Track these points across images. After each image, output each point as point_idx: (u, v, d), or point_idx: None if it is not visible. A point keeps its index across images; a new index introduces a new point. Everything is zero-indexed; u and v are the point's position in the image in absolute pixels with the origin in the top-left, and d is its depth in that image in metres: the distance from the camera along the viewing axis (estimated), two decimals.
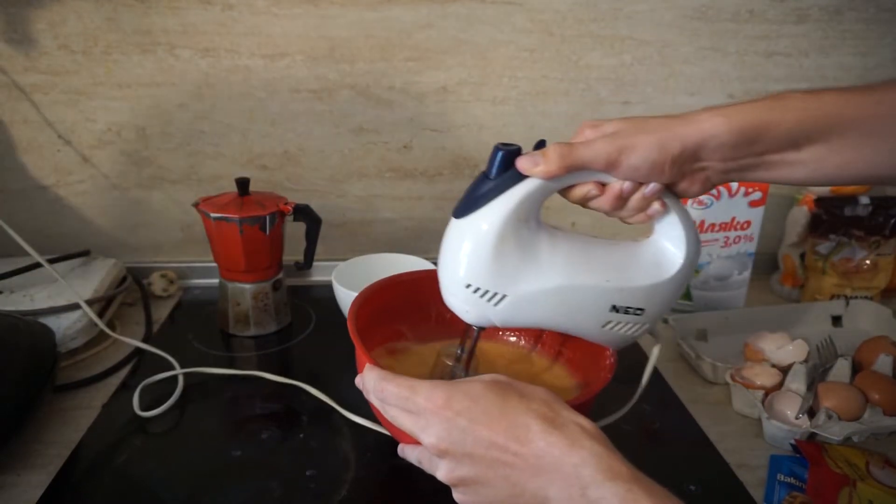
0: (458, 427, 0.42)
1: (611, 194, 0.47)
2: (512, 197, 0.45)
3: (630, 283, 0.49)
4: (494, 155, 0.46)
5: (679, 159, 0.45)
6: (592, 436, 0.41)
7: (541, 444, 0.40)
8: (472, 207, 0.47)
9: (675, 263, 0.50)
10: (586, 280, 0.48)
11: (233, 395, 0.69)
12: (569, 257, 0.49)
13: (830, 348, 0.74)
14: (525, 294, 0.48)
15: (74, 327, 0.72)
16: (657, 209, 0.48)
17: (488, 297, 0.48)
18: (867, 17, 0.89)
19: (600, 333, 0.51)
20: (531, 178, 0.45)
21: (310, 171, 0.92)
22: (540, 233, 0.48)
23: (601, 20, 0.87)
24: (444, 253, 0.49)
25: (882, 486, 0.55)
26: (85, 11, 0.81)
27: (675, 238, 0.50)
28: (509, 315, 0.49)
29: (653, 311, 0.51)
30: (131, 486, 0.56)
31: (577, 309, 0.49)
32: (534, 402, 0.42)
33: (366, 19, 0.84)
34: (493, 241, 0.46)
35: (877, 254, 0.88)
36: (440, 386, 0.43)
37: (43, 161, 0.88)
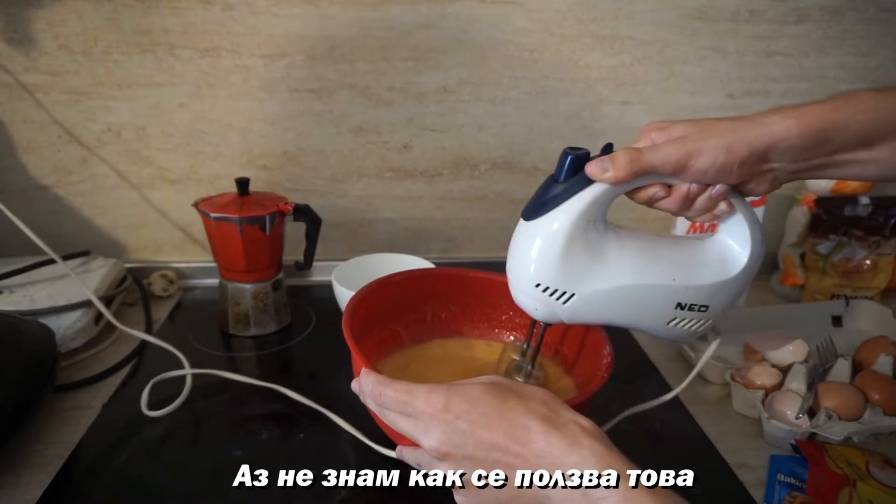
0: (458, 430, 0.42)
1: (677, 196, 0.48)
2: (580, 200, 0.46)
3: (695, 281, 0.50)
4: (563, 159, 0.47)
5: (748, 162, 0.46)
6: (592, 435, 0.41)
7: (541, 445, 0.40)
8: (542, 210, 0.48)
9: (740, 262, 0.51)
10: (653, 279, 0.49)
11: (233, 394, 0.69)
12: (635, 256, 0.50)
13: (830, 348, 0.74)
14: (593, 293, 0.49)
15: (74, 327, 0.72)
16: (723, 209, 0.49)
17: (557, 296, 0.49)
18: (867, 17, 0.89)
19: (665, 330, 0.52)
20: (598, 182, 0.46)
21: (310, 171, 0.92)
22: (607, 233, 0.49)
23: (601, 20, 0.87)
24: (513, 253, 0.50)
25: (882, 486, 0.55)
26: (85, 11, 0.81)
27: (740, 236, 0.51)
28: (577, 312, 0.50)
29: (717, 308, 0.52)
30: (131, 486, 0.56)
31: (643, 307, 0.50)
32: (532, 403, 0.42)
33: (366, 19, 0.84)
34: (562, 243, 0.47)
35: (877, 254, 0.88)
36: (438, 389, 0.44)
37: (43, 161, 0.88)
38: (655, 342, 0.80)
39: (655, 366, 0.76)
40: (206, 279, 0.95)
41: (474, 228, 0.98)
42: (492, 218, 0.97)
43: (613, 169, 0.45)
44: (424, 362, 0.66)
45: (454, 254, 0.99)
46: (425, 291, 0.68)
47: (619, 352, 0.78)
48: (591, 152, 0.47)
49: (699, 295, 0.50)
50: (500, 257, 1.03)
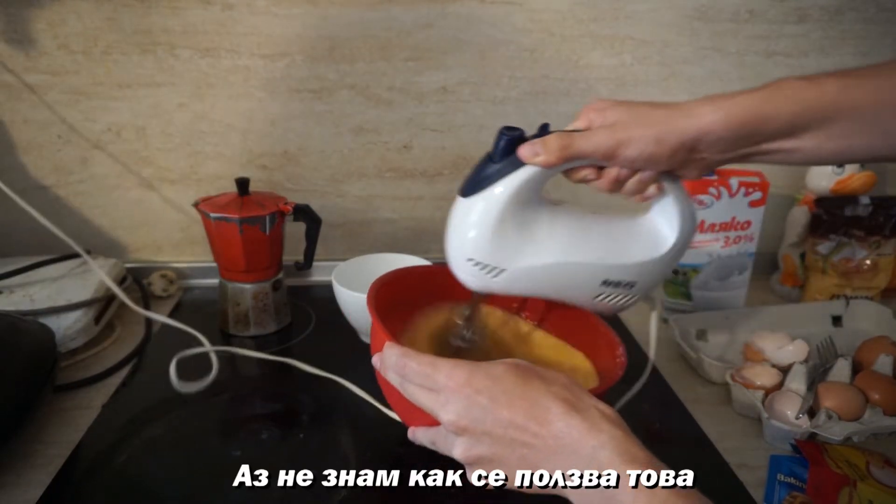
0: (479, 405, 0.42)
1: (608, 178, 0.49)
2: (513, 181, 0.48)
3: (623, 259, 0.52)
4: (499, 139, 0.48)
5: (677, 152, 0.47)
6: (612, 421, 0.41)
7: (560, 426, 0.40)
8: (477, 188, 0.49)
9: (668, 241, 0.53)
10: (580, 257, 0.51)
11: (233, 394, 0.69)
12: (565, 235, 0.51)
13: (830, 348, 0.74)
14: (522, 269, 0.50)
15: (74, 327, 0.72)
16: (653, 192, 0.50)
17: (488, 271, 0.50)
18: (867, 17, 0.89)
19: (591, 304, 0.54)
20: (530, 165, 0.47)
21: (310, 171, 0.92)
22: (540, 211, 0.51)
23: (601, 20, 0.87)
24: (449, 228, 0.52)
25: (882, 486, 0.55)
26: (85, 11, 0.81)
27: (670, 215, 0.52)
28: (507, 286, 0.51)
29: (643, 284, 0.54)
30: (131, 486, 0.56)
31: (570, 283, 0.52)
32: (555, 386, 0.43)
33: (366, 19, 0.84)
34: (493, 222, 0.48)
35: (877, 254, 0.88)
36: (462, 365, 0.44)
37: (43, 161, 0.88)
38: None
39: (656, 366, 0.76)
40: (206, 279, 0.95)
41: None
42: None
43: (545, 153, 0.46)
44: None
45: None
46: (444, 284, 0.67)
47: None
48: (525, 133, 0.48)
49: (626, 272, 0.52)
50: None
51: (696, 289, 0.85)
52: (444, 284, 0.67)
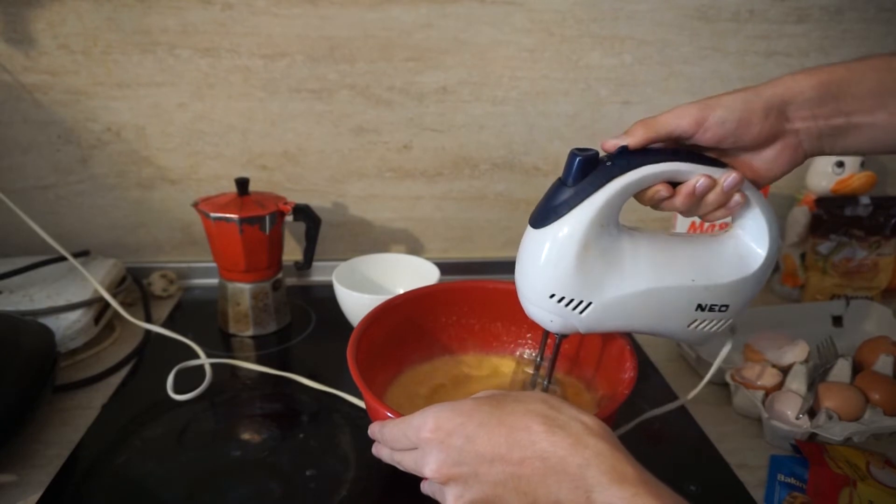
0: (455, 447, 0.40)
1: (683, 193, 0.46)
2: (592, 204, 0.45)
3: (715, 280, 0.48)
4: (572, 161, 0.45)
5: (766, 113, 0.44)
6: (597, 433, 0.39)
7: (544, 445, 0.38)
8: (552, 217, 0.46)
9: (757, 257, 0.50)
10: (672, 281, 0.48)
11: (233, 394, 0.69)
12: (652, 259, 0.48)
13: (831, 348, 0.74)
14: (611, 300, 0.47)
15: (74, 327, 0.72)
16: (738, 201, 0.47)
17: (573, 306, 0.47)
18: (867, 17, 0.89)
19: (686, 333, 0.50)
20: (610, 184, 0.45)
21: (310, 171, 0.92)
22: (621, 236, 0.48)
23: (601, 20, 0.87)
24: (522, 263, 0.48)
25: (882, 486, 0.55)
26: (85, 11, 0.81)
27: (756, 230, 0.49)
28: (595, 322, 0.48)
29: (736, 306, 0.50)
30: (131, 486, 0.56)
31: (663, 311, 0.48)
32: (532, 403, 0.41)
33: (366, 19, 0.84)
34: (576, 250, 0.45)
35: (877, 254, 0.88)
36: (428, 411, 0.42)
37: (43, 161, 0.88)
38: (655, 342, 0.80)
39: (656, 366, 0.76)
40: (206, 279, 0.95)
41: (474, 228, 0.98)
42: (491, 218, 0.97)
43: (630, 136, 0.45)
44: (436, 384, 0.64)
45: (454, 254, 0.99)
46: (428, 309, 0.66)
47: None
48: (599, 153, 0.46)
49: (719, 294, 0.49)
50: (500, 257, 1.03)
51: None
52: (424, 308, 0.65)
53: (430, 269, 0.80)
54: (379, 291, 0.81)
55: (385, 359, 0.62)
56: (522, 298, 0.50)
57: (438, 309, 0.67)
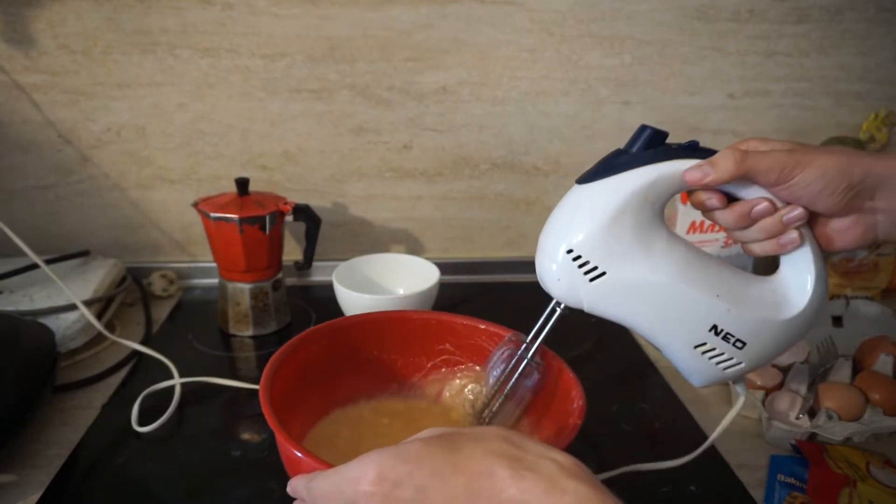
0: (403, 501, 0.33)
1: (738, 211, 0.43)
2: (645, 174, 0.42)
3: (741, 307, 0.44)
4: (640, 132, 0.43)
5: (856, 187, 0.42)
6: (574, 474, 0.33)
7: (512, 493, 0.32)
8: (601, 175, 0.43)
9: (795, 307, 0.45)
10: (696, 287, 0.44)
11: (233, 395, 0.69)
12: (684, 258, 0.45)
13: (831, 348, 0.74)
14: (625, 278, 0.44)
15: (74, 328, 0.72)
16: (793, 239, 0.44)
17: (586, 270, 0.44)
18: (867, 17, 0.89)
19: (688, 354, 0.46)
20: (670, 163, 0.42)
21: (310, 171, 0.92)
22: (661, 226, 0.45)
23: (601, 20, 0.87)
24: (554, 216, 0.46)
25: (882, 486, 0.55)
26: (85, 11, 0.81)
27: (800, 280, 0.45)
28: (600, 297, 0.44)
29: (754, 351, 0.45)
30: (131, 487, 0.56)
31: (674, 316, 0.45)
32: (492, 442, 0.35)
33: (366, 19, 0.84)
34: (612, 211, 0.43)
35: (877, 254, 0.88)
36: (369, 459, 0.35)
37: (43, 161, 0.88)
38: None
39: (656, 366, 0.76)
40: (206, 279, 0.95)
41: (474, 228, 0.98)
42: (491, 218, 0.97)
43: (715, 171, 0.41)
44: (362, 428, 0.58)
45: (454, 254, 0.99)
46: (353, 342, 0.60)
47: (619, 352, 0.79)
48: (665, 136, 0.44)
49: (740, 325, 0.45)
50: (500, 257, 1.03)
51: None
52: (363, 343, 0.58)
53: (430, 269, 0.80)
54: (379, 291, 0.81)
55: (305, 402, 0.56)
56: (539, 253, 0.47)
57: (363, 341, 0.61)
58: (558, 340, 0.52)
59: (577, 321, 0.49)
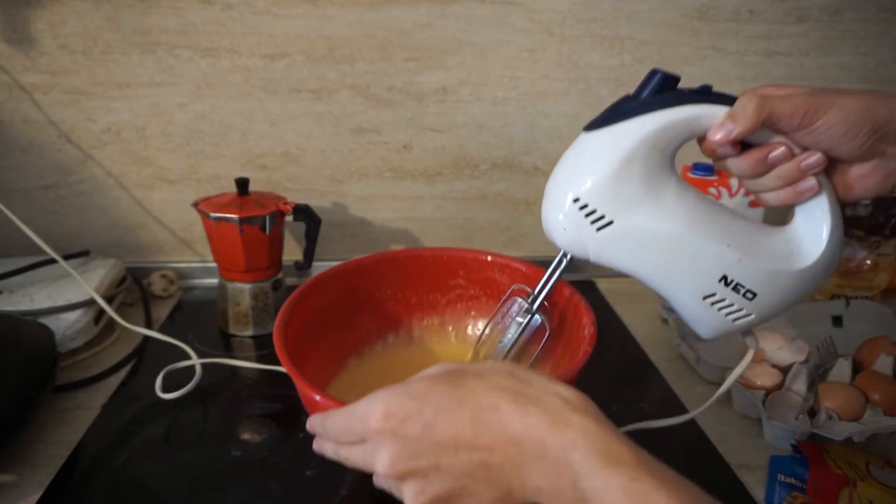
0: (411, 437, 0.34)
1: (754, 157, 0.41)
2: (655, 119, 0.41)
3: (752, 257, 0.43)
4: (651, 76, 0.42)
5: (880, 130, 0.40)
6: (579, 408, 0.33)
7: (516, 427, 0.33)
8: (608, 122, 0.42)
9: (809, 257, 0.44)
10: (705, 237, 0.43)
11: (233, 395, 0.69)
12: (694, 207, 0.43)
13: (831, 348, 0.74)
14: (633, 227, 0.42)
15: (74, 327, 0.72)
16: (811, 186, 0.42)
17: (593, 219, 0.43)
18: (867, 17, 0.89)
19: (697, 305, 0.45)
20: (681, 107, 0.41)
21: (310, 171, 0.92)
22: (671, 175, 0.43)
23: (601, 20, 0.87)
24: (560, 165, 0.45)
25: (882, 486, 0.55)
26: (85, 11, 0.81)
27: (815, 230, 0.44)
28: (607, 247, 0.43)
29: (764, 302, 0.44)
30: (131, 486, 0.56)
31: (683, 266, 0.43)
32: (495, 377, 0.35)
33: (366, 19, 0.84)
34: (620, 158, 0.42)
35: (877, 254, 0.88)
36: (376, 396, 0.36)
37: (43, 161, 0.88)
38: (655, 341, 0.80)
39: (656, 366, 0.76)
40: (206, 279, 0.95)
41: (474, 228, 0.98)
42: (491, 218, 0.97)
43: (737, 124, 0.40)
44: (387, 370, 0.59)
45: None
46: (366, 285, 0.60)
47: (619, 352, 0.79)
48: None
49: (750, 275, 0.43)
50: None
51: None
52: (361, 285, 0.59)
53: None
54: None
55: (323, 349, 0.56)
56: (545, 203, 0.46)
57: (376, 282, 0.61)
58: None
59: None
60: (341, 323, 0.59)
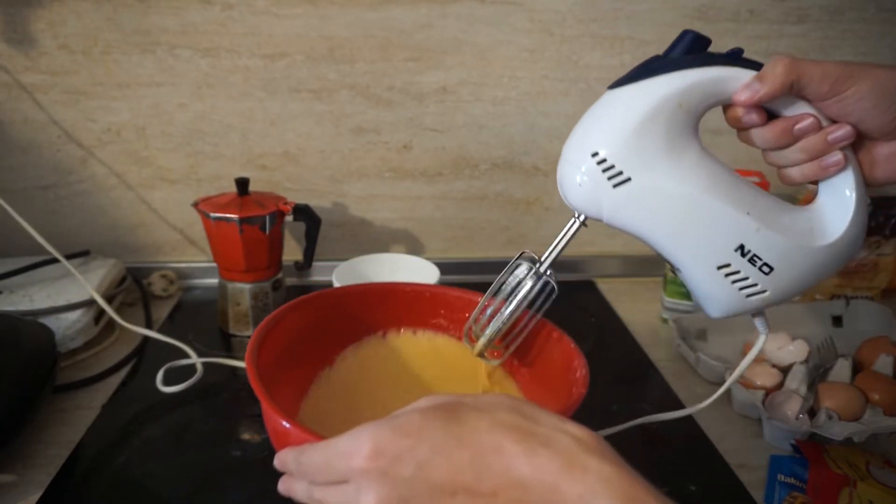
0: (402, 478, 0.30)
1: (780, 125, 0.40)
2: (683, 78, 0.41)
3: (772, 228, 0.42)
4: (682, 36, 0.41)
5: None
6: (594, 450, 0.30)
7: (524, 470, 0.29)
8: (635, 79, 0.42)
9: (831, 234, 0.42)
10: (725, 202, 0.41)
11: (233, 394, 0.69)
12: (716, 172, 0.42)
13: (831, 348, 0.74)
14: (651, 186, 0.41)
15: (74, 327, 0.72)
16: (837, 160, 0.41)
17: (611, 174, 0.41)
18: (867, 17, 0.89)
19: (710, 276, 0.43)
20: (710, 68, 0.41)
21: (310, 171, 0.92)
22: (695, 138, 0.42)
23: (601, 20, 0.87)
24: (581, 122, 0.44)
25: (882, 486, 0.55)
26: (85, 11, 0.81)
27: (839, 208, 0.43)
28: (622, 205, 0.42)
29: (781, 279, 0.43)
30: (131, 486, 0.56)
31: (699, 231, 0.42)
32: (499, 412, 0.32)
33: (366, 19, 0.84)
34: (643, 114, 0.41)
35: (877, 254, 0.88)
36: (363, 431, 0.32)
37: (43, 161, 0.88)
38: (655, 341, 0.80)
39: (656, 366, 0.76)
40: (206, 279, 0.95)
41: (474, 228, 0.98)
42: (491, 218, 0.97)
43: (764, 85, 0.39)
44: (361, 377, 0.56)
45: (454, 254, 0.99)
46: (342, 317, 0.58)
47: (619, 352, 0.79)
48: None
49: (769, 248, 0.42)
50: (501, 257, 1.03)
51: None
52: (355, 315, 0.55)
53: (430, 269, 0.80)
54: None
55: (291, 375, 0.53)
56: (561, 160, 0.44)
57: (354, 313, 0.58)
58: None
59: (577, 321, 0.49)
60: (314, 351, 0.57)
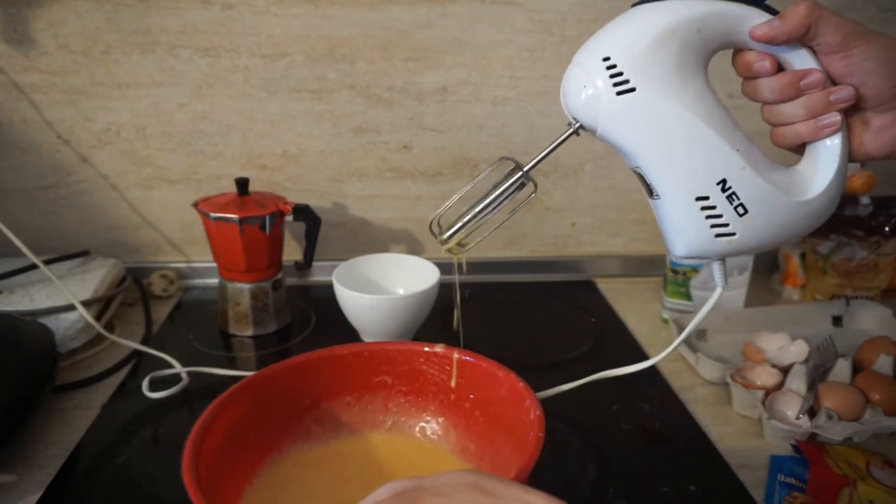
0: None
1: (788, 77, 0.41)
2: (706, 4, 0.42)
3: (756, 170, 0.43)
4: None
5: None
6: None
7: None
8: None
9: (809, 192, 0.44)
10: (718, 134, 0.43)
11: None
12: (714, 108, 0.44)
13: (831, 348, 0.74)
14: (653, 101, 0.43)
15: (74, 328, 0.72)
16: (834, 121, 0.42)
17: (617, 80, 0.43)
18: (867, 17, 0.89)
19: (685, 205, 0.44)
20: (735, 4, 0.42)
21: (310, 171, 0.92)
22: (703, 72, 0.44)
23: (601, 20, 0.85)
24: (600, 31, 0.45)
25: (882, 486, 0.55)
26: (85, 11, 0.81)
27: (824, 170, 0.44)
28: (619, 115, 0.43)
29: (752, 225, 0.44)
30: (131, 486, 0.56)
31: (688, 156, 0.43)
32: (460, 494, 0.30)
33: (366, 19, 0.84)
34: (662, 28, 0.42)
35: (877, 254, 0.88)
36: None
37: (43, 161, 0.88)
38: (655, 341, 0.80)
39: (655, 366, 0.76)
40: (206, 279, 0.95)
41: None
42: (491, 218, 0.97)
43: (784, 23, 0.40)
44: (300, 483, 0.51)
45: None
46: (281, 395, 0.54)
47: (619, 352, 0.79)
48: None
49: (749, 189, 0.43)
50: (500, 257, 1.03)
51: (696, 289, 0.85)
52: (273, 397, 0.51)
53: (430, 269, 0.80)
54: (379, 291, 0.81)
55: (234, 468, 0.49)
56: (570, 65, 0.46)
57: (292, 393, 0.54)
58: (558, 340, 0.52)
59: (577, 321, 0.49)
60: (258, 440, 0.52)
